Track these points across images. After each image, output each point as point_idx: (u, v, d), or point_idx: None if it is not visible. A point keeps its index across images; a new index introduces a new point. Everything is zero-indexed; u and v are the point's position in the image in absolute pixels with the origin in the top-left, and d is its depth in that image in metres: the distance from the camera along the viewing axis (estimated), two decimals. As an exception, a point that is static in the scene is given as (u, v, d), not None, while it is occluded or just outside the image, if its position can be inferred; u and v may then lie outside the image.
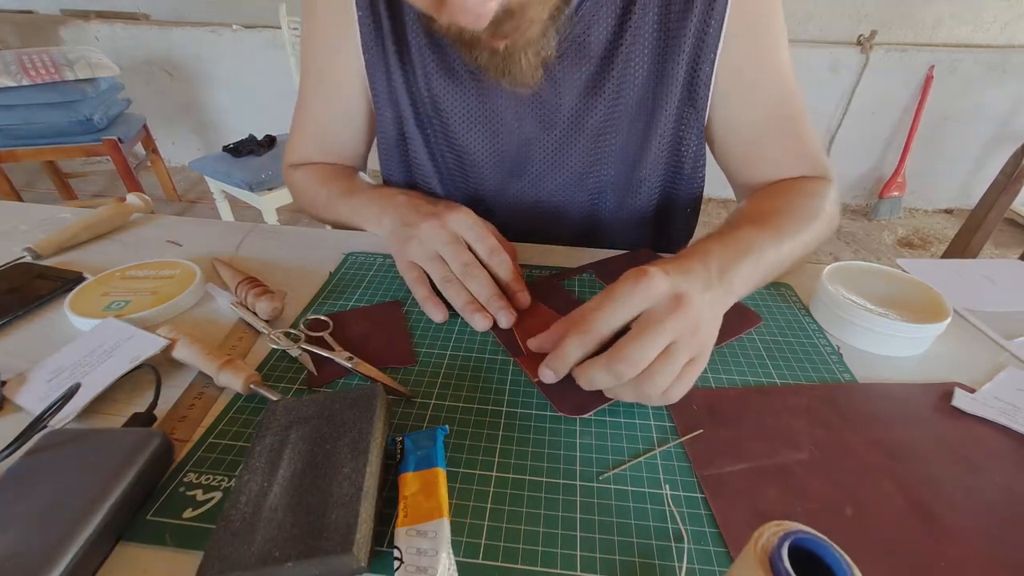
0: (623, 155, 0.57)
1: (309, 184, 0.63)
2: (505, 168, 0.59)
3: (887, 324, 0.42)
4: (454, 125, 0.56)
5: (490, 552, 0.28)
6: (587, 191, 0.60)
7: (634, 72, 0.52)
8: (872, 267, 0.50)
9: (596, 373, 0.33)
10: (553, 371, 0.35)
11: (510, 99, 0.54)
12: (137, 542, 0.27)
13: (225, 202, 1.78)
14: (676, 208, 0.63)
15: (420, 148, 0.59)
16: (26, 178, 2.55)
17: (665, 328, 0.32)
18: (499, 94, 0.54)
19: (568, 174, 0.59)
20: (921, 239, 2.38)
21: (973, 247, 1.49)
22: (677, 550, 0.28)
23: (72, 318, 0.43)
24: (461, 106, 0.55)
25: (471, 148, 0.58)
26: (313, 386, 0.38)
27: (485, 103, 0.55)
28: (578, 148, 0.57)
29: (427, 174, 0.61)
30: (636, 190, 0.60)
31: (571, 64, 0.52)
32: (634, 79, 0.52)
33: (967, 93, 2.34)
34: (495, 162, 0.58)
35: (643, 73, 0.52)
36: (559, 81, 0.53)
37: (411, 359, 0.41)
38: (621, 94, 0.53)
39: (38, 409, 0.33)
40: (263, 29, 2.46)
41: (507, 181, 0.60)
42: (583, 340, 0.34)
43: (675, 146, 0.58)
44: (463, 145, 0.58)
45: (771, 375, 0.41)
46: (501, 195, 0.61)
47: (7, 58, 1.68)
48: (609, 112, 0.54)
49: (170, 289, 0.46)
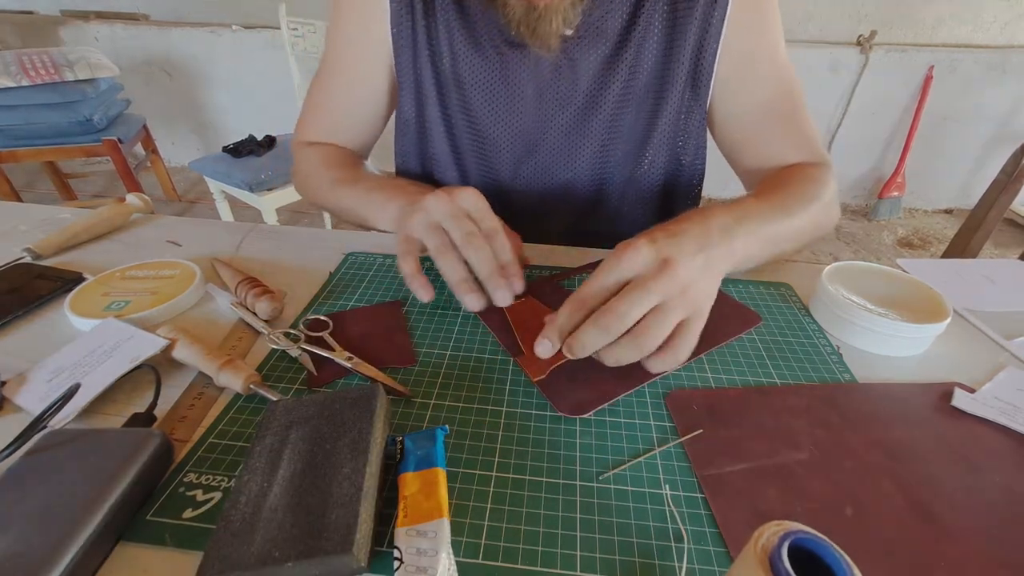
0: (631, 135, 0.60)
1: (316, 164, 0.62)
2: (520, 145, 0.60)
3: (887, 324, 0.42)
4: (474, 99, 0.58)
5: (490, 552, 0.28)
6: (596, 170, 0.62)
7: (645, 55, 0.55)
8: (872, 267, 0.50)
9: (586, 333, 0.34)
10: (548, 340, 0.36)
11: (531, 76, 0.56)
12: (137, 542, 0.27)
13: (225, 202, 1.78)
14: (678, 193, 0.65)
15: (438, 124, 0.60)
16: (26, 178, 2.55)
17: (650, 288, 0.33)
18: (521, 70, 0.56)
19: (579, 153, 0.60)
20: (921, 239, 2.38)
21: (973, 247, 1.49)
22: (677, 550, 0.28)
23: (72, 318, 0.43)
24: (483, 80, 0.57)
25: (489, 123, 0.59)
26: (313, 386, 0.38)
27: (507, 78, 0.56)
28: (591, 128, 0.59)
29: (442, 152, 0.62)
30: (642, 171, 0.62)
31: (589, 46, 0.54)
32: (645, 62, 0.55)
33: (967, 93, 2.34)
34: (511, 138, 0.60)
35: (653, 57, 0.55)
36: (577, 61, 0.55)
37: (411, 359, 0.41)
38: (633, 76, 0.56)
39: (38, 409, 0.33)
40: (263, 29, 2.46)
41: (521, 158, 0.61)
42: (574, 310, 0.35)
43: (679, 129, 0.60)
44: (481, 120, 0.59)
45: (771, 375, 0.41)
46: (514, 173, 0.62)
47: (7, 58, 1.68)
48: (622, 93, 0.57)
49: (170, 289, 0.46)
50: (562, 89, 0.57)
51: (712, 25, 0.53)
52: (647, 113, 0.58)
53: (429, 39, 0.56)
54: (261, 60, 2.50)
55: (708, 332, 0.44)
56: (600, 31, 0.54)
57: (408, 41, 0.57)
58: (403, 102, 0.61)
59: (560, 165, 0.61)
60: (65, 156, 1.84)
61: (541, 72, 0.56)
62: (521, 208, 0.62)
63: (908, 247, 2.32)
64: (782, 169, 0.56)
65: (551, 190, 0.63)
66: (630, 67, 0.55)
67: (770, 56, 0.55)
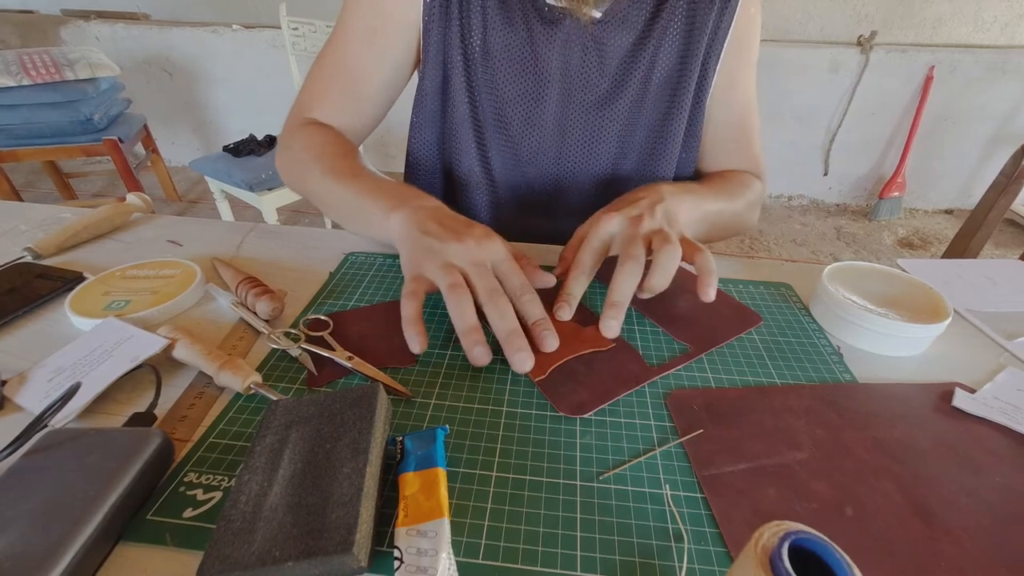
0: (648, 129, 0.62)
1: (310, 145, 0.57)
2: (543, 125, 0.61)
3: (887, 324, 0.42)
4: (501, 74, 0.58)
5: (490, 552, 0.28)
6: (614, 158, 0.63)
7: (664, 52, 0.58)
8: (873, 267, 0.50)
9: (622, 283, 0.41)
10: (567, 304, 0.43)
11: (560, 53, 0.57)
12: (137, 542, 0.27)
13: (225, 202, 1.78)
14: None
15: (462, 96, 0.59)
16: (26, 178, 2.56)
17: (638, 232, 0.43)
18: (551, 48, 0.56)
19: (600, 139, 0.61)
20: (921, 239, 2.38)
21: (973, 247, 1.49)
22: (677, 550, 0.28)
23: (72, 318, 0.43)
24: (512, 55, 0.57)
25: (513, 99, 0.59)
26: (313, 386, 0.38)
27: (536, 55, 0.57)
28: (612, 114, 0.60)
29: (463, 130, 0.61)
30: (656, 161, 0.64)
31: (615, 31, 0.57)
32: (664, 58, 0.58)
33: (967, 93, 2.33)
34: (534, 115, 0.60)
35: (671, 54, 0.58)
36: (605, 45, 0.57)
37: (411, 359, 0.41)
38: (654, 67, 0.58)
39: (38, 409, 0.33)
40: (263, 29, 2.46)
41: (543, 138, 0.61)
42: (579, 274, 0.44)
43: (688, 131, 0.63)
44: (505, 95, 0.59)
45: (771, 375, 0.41)
46: (534, 153, 0.62)
47: (7, 58, 1.68)
48: (641, 85, 0.59)
49: (170, 289, 0.46)
50: (589, 70, 0.58)
51: (717, 39, 0.58)
52: (663, 110, 0.60)
53: (462, 11, 0.56)
54: (261, 60, 2.51)
55: (708, 331, 0.44)
56: (626, 20, 0.56)
57: (441, 12, 0.56)
58: (426, 75, 0.60)
59: (580, 150, 0.62)
60: (65, 156, 1.84)
61: (570, 51, 0.57)
62: (537, 190, 0.64)
63: (908, 247, 2.32)
64: (725, 172, 0.65)
65: (568, 176, 0.63)
66: (650, 60, 0.58)
67: (746, 82, 0.62)
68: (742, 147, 0.65)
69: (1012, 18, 2.30)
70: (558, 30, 0.55)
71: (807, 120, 2.45)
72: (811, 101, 2.40)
